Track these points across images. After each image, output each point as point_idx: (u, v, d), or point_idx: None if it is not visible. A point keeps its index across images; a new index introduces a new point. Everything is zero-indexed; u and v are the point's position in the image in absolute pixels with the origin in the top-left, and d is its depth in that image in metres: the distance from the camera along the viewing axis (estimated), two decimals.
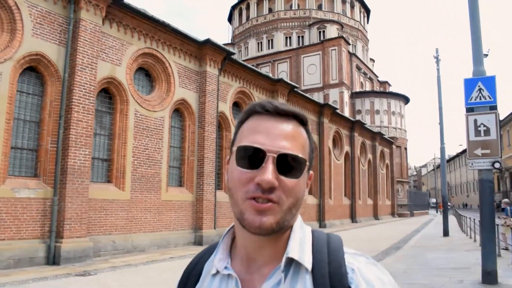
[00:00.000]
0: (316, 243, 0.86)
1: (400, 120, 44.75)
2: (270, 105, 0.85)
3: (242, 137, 0.85)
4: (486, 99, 8.08)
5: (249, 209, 0.80)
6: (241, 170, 0.81)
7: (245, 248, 0.87)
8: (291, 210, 0.82)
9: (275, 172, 0.79)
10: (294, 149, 0.82)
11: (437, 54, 22.31)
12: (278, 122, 0.84)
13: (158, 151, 14.38)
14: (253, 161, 0.80)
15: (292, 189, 0.81)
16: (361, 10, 49.28)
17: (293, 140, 0.83)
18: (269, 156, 0.79)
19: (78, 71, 11.49)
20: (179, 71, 15.49)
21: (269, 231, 0.80)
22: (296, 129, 0.85)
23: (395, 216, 41.85)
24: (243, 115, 0.90)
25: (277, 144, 0.81)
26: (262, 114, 0.86)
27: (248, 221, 0.80)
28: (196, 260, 1.00)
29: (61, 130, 11.18)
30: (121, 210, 12.82)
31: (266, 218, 0.79)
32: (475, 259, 10.29)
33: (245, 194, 0.80)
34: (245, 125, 0.87)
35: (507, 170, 52.09)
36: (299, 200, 0.83)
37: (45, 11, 11.25)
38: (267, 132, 0.82)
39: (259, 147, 0.80)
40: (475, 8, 8.32)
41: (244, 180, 0.81)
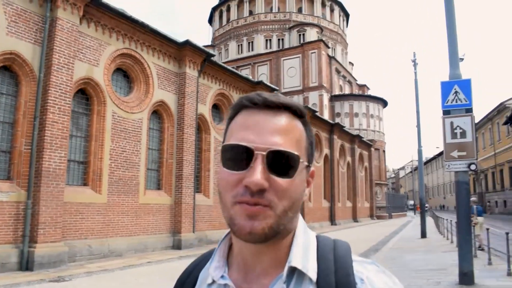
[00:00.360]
0: (321, 249, 0.79)
1: (379, 123, 45.25)
2: (259, 98, 0.77)
3: (231, 135, 0.78)
4: (462, 102, 8.20)
5: (239, 214, 0.72)
6: (228, 172, 0.74)
7: (242, 256, 0.79)
8: (287, 213, 0.73)
9: (265, 172, 0.71)
10: (286, 144, 0.73)
11: (415, 58, 22.64)
12: (268, 116, 0.76)
13: (136, 153, 14.19)
14: (241, 161, 0.73)
15: (286, 190, 0.72)
16: (341, 14, 49.75)
17: (285, 134, 0.74)
18: (258, 154, 0.72)
19: (54, 71, 11.24)
20: (158, 73, 15.33)
21: (262, 237, 0.72)
22: (289, 122, 0.77)
23: (374, 218, 42.25)
24: (231, 111, 0.82)
25: (266, 141, 0.73)
26: (250, 108, 0.77)
27: (238, 226, 0.72)
28: (191, 268, 0.91)
29: (35, 131, 10.91)
30: (97, 213, 12.59)
31: (258, 222, 0.71)
32: (452, 260, 10.41)
33: (234, 198, 0.73)
34: (234, 121, 0.80)
35: (482, 172, 53.15)
36: (296, 202, 0.75)
37: (20, 9, 10.98)
38: (256, 128, 0.74)
39: (246, 145, 0.72)
40: (452, 14, 8.44)
41: (232, 183, 0.73)
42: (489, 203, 53.16)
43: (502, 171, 46.35)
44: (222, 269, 0.81)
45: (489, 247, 10.58)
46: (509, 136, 43.46)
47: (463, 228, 7.85)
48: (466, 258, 7.64)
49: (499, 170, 47.30)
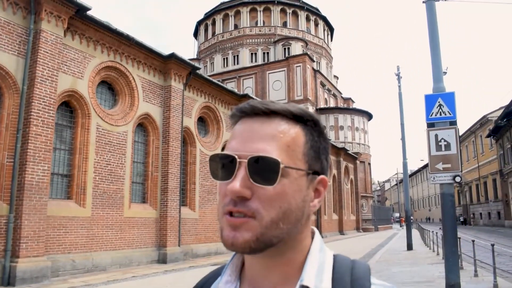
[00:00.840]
0: (337, 270, 0.73)
1: (364, 136, 45.60)
2: (247, 106, 0.75)
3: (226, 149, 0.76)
4: (446, 115, 8.28)
5: (225, 225, 0.70)
6: (219, 183, 0.72)
7: (251, 271, 0.76)
8: (277, 224, 0.68)
9: (246, 180, 0.68)
10: (272, 150, 0.69)
11: (399, 71, 22.90)
12: (256, 123, 0.73)
13: (121, 166, 14.04)
14: (227, 171, 0.70)
15: (271, 198, 0.68)
16: (325, 28, 50.32)
17: (272, 140, 0.70)
18: (240, 162, 0.69)
19: (37, 84, 11.12)
20: (143, 85, 15.27)
21: (246, 249, 0.68)
22: (279, 128, 0.72)
23: (360, 231, 42.31)
24: (232, 123, 0.80)
25: (250, 148, 0.70)
26: (242, 118, 0.76)
27: (223, 238, 0.69)
28: (201, 284, 0.86)
29: (18, 144, 10.74)
30: (81, 227, 12.38)
31: (240, 234, 0.67)
32: (439, 272, 10.44)
33: (222, 209, 0.70)
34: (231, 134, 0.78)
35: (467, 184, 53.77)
36: (288, 211, 0.69)
37: (3, 21, 10.88)
38: (241, 136, 0.72)
39: (228, 153, 0.70)
40: (434, 28, 8.57)
41: (222, 193, 0.71)
42: (473, 215, 53.72)
43: (486, 183, 46.97)
44: (234, 283, 0.77)
45: (475, 259, 10.63)
46: (492, 149, 44.14)
47: (449, 240, 7.87)
48: (453, 270, 7.65)
49: (483, 182, 47.93)
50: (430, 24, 8.61)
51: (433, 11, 8.54)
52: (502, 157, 40.20)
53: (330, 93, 48.01)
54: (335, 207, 36.79)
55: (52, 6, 11.59)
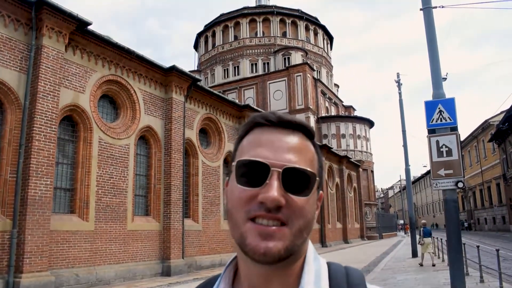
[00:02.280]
0: (333, 277, 0.75)
1: (366, 144, 45.56)
2: (273, 116, 0.76)
3: (243, 152, 0.75)
4: (446, 121, 8.28)
5: (251, 233, 0.69)
6: (242, 188, 0.71)
7: (249, 281, 0.75)
8: (302, 233, 0.71)
9: (281, 189, 0.69)
10: (301, 163, 0.72)
11: (399, 78, 22.96)
12: (283, 134, 0.74)
13: (124, 179, 14.05)
14: (255, 178, 0.70)
15: (302, 208, 0.70)
16: (325, 37, 50.55)
17: (300, 153, 0.73)
18: (274, 171, 0.69)
19: (39, 99, 11.19)
20: (144, 98, 15.34)
21: (276, 259, 0.68)
22: (303, 142, 0.75)
23: (365, 239, 42.11)
24: (243, 129, 0.80)
25: (282, 158, 0.71)
26: (264, 126, 0.76)
27: (251, 246, 0.68)
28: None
29: (21, 159, 10.79)
30: (84, 241, 12.37)
31: (273, 243, 0.68)
32: (444, 279, 10.38)
33: (246, 214, 0.70)
34: (246, 139, 0.77)
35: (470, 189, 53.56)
36: (310, 222, 0.72)
37: (5, 38, 10.99)
38: (271, 145, 0.72)
39: (262, 161, 0.70)
40: (433, 35, 8.61)
41: (246, 199, 0.70)
42: (471, 221, 53.46)
43: (489, 188, 46.79)
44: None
45: (480, 265, 10.57)
46: (494, 153, 44.02)
47: (453, 246, 7.84)
48: (458, 277, 7.61)
49: (486, 187, 47.74)
50: (428, 31, 8.65)
51: (431, 18, 8.58)
52: (505, 161, 40.09)
53: (331, 101, 48.09)
54: (339, 216, 36.65)
55: (53, 22, 11.71)
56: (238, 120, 20.68)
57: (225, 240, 18.46)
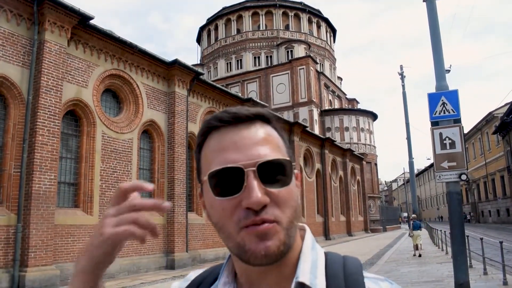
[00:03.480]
0: (330, 266, 0.73)
1: (369, 136, 45.48)
2: (227, 114, 0.72)
3: (209, 163, 0.71)
4: (450, 113, 8.25)
5: (248, 238, 0.67)
6: (221, 200, 0.68)
7: (247, 276, 0.74)
8: (293, 222, 0.69)
9: (261, 187, 0.66)
10: (272, 153, 0.69)
11: (402, 71, 22.90)
12: (242, 130, 0.71)
13: (127, 173, 14.10)
14: (232, 184, 0.67)
15: (287, 198, 0.68)
16: (327, 30, 50.32)
17: (266, 143, 0.70)
18: (248, 171, 0.66)
19: (42, 93, 11.21)
20: (147, 92, 15.34)
21: (278, 256, 0.67)
22: (265, 131, 0.72)
23: (368, 232, 42.13)
24: (199, 138, 0.76)
25: (251, 155, 0.68)
26: (220, 128, 0.72)
27: (251, 252, 0.66)
28: (197, 282, 0.84)
29: (25, 154, 10.83)
30: (89, 235, 12.36)
31: (271, 242, 0.66)
32: (448, 272, 10.39)
33: (238, 225, 0.67)
34: (205, 147, 0.74)
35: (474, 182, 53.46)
36: (297, 208, 0.71)
37: (8, 33, 10.99)
38: (235, 145, 0.69)
39: (234, 165, 0.67)
40: (436, 27, 8.56)
41: (230, 209, 0.67)
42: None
43: (494, 180, 46.67)
44: (232, 285, 0.77)
45: (484, 257, 10.57)
46: (498, 146, 43.87)
47: (457, 239, 7.84)
48: (462, 269, 7.62)
49: (490, 179, 47.63)
50: (431, 23, 8.61)
51: (434, 10, 8.54)
52: (510, 154, 39.95)
53: (334, 94, 47.97)
54: (342, 209, 36.66)
55: (55, 17, 11.70)
56: None
57: None
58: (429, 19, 8.63)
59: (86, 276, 0.69)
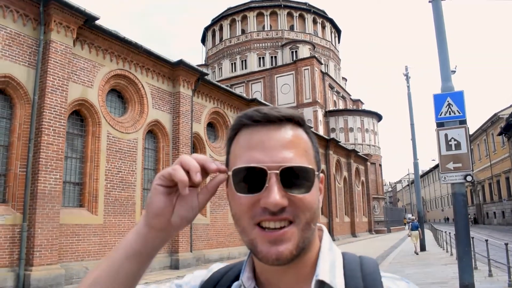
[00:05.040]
0: (347, 266, 0.75)
1: (374, 137, 45.39)
2: (258, 114, 0.73)
3: (236, 158, 0.74)
4: (455, 114, 8.23)
5: (260, 239, 0.69)
6: (242, 196, 0.70)
7: (265, 275, 0.76)
8: (309, 225, 0.71)
9: (281, 190, 0.68)
10: (297, 158, 0.70)
11: (407, 71, 22.81)
12: (272, 131, 0.72)
13: (132, 173, 14.14)
14: (254, 183, 0.69)
15: (306, 203, 0.70)
16: (332, 30, 50.28)
17: (293, 147, 0.71)
18: (271, 173, 0.68)
19: (48, 93, 11.26)
20: (152, 92, 15.38)
21: (289, 259, 0.69)
22: (294, 134, 0.73)
23: (373, 233, 42.05)
24: (230, 132, 0.78)
25: (277, 158, 0.69)
26: (251, 126, 0.74)
27: (263, 254, 0.69)
28: (218, 277, 0.84)
29: (30, 153, 10.88)
30: (94, 235, 12.48)
31: (284, 247, 0.68)
32: (453, 273, 10.35)
33: (252, 220, 0.69)
34: (235, 142, 0.76)
35: (479, 183, 53.23)
36: (316, 212, 0.72)
37: (14, 33, 11.05)
38: (262, 146, 0.70)
39: (257, 166, 0.69)
40: (441, 27, 8.54)
41: (248, 205, 0.70)
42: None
43: (499, 182, 46.44)
44: (254, 280, 0.78)
45: (489, 259, 10.52)
46: (504, 147, 43.66)
47: (462, 240, 7.81)
48: (467, 270, 7.59)
49: (495, 181, 47.40)
50: (437, 24, 8.58)
51: (440, 10, 8.51)
52: None
53: (339, 95, 47.90)
54: (346, 210, 36.61)
55: (61, 17, 11.75)
56: None
57: (233, 234, 18.52)
58: (434, 20, 8.61)
59: (141, 238, 0.78)
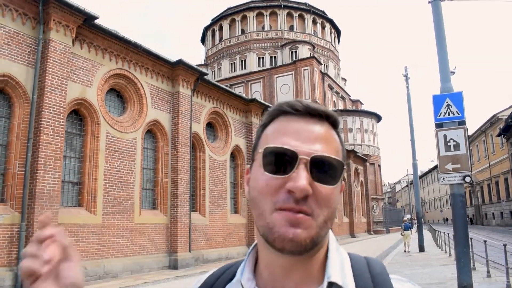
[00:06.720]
0: (355, 267, 0.75)
1: (373, 138, 45.41)
2: (300, 104, 0.74)
3: (267, 141, 0.73)
4: (454, 115, 8.23)
5: (279, 221, 0.68)
6: (270, 176, 0.69)
7: (271, 272, 0.74)
8: (326, 223, 0.70)
9: (309, 178, 0.68)
10: (328, 152, 0.71)
11: (406, 72, 22.82)
12: (309, 123, 0.73)
13: (131, 173, 14.12)
14: (283, 166, 0.69)
15: (328, 198, 0.69)
16: (332, 31, 50.28)
17: (327, 143, 0.72)
18: (302, 159, 0.68)
19: (47, 93, 11.25)
20: (151, 92, 15.37)
21: (302, 247, 0.67)
22: (328, 132, 0.74)
23: (371, 233, 42.06)
24: (267, 117, 0.78)
25: (309, 146, 0.69)
26: (290, 115, 0.74)
27: (279, 233, 0.67)
28: (212, 281, 0.84)
29: (29, 153, 10.87)
30: (92, 234, 12.46)
31: (301, 230, 0.67)
32: (451, 274, 10.35)
33: (274, 205, 0.68)
34: (270, 127, 0.76)
35: (478, 184, 53.27)
36: (334, 212, 0.71)
37: (13, 32, 11.04)
38: (297, 134, 0.71)
39: (290, 148, 0.69)
40: (441, 28, 8.54)
41: (273, 187, 0.69)
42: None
43: (497, 183, 46.48)
44: (254, 281, 0.76)
45: (487, 260, 10.53)
46: (503, 148, 43.70)
47: (460, 241, 7.82)
48: (465, 271, 7.59)
49: (494, 181, 47.44)
50: (437, 24, 8.59)
51: (439, 11, 8.52)
52: None
53: (338, 95, 47.92)
54: (345, 210, 36.64)
55: (60, 16, 11.74)
56: (245, 114, 20.68)
57: (231, 234, 18.52)
58: (434, 20, 8.61)
59: None
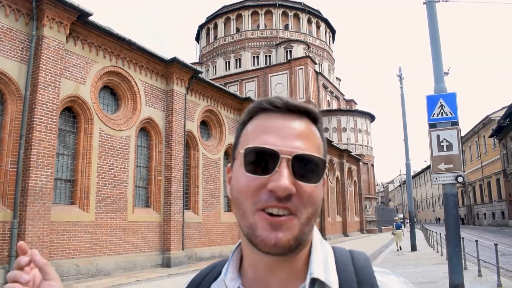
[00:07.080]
0: (339, 260, 0.75)
1: (367, 138, 45.54)
2: (279, 101, 0.73)
3: (248, 139, 0.73)
4: (447, 115, 8.27)
5: (261, 224, 0.67)
6: (251, 176, 0.69)
7: (255, 270, 0.74)
8: (310, 221, 0.70)
9: (291, 177, 0.67)
10: (310, 149, 0.70)
11: (400, 72, 22.91)
12: (289, 120, 0.72)
13: (124, 171, 14.07)
14: (264, 165, 0.68)
15: (312, 196, 0.69)
16: (327, 30, 50.36)
17: (307, 140, 0.71)
18: (283, 158, 0.68)
19: (40, 89, 11.17)
20: (145, 90, 15.32)
21: (286, 249, 0.67)
22: (309, 128, 0.74)
23: (364, 232, 42.21)
24: (246, 115, 0.77)
25: (290, 145, 0.69)
26: (269, 112, 0.74)
27: (261, 238, 0.67)
28: (200, 279, 0.85)
29: (21, 150, 10.79)
30: (85, 232, 12.41)
31: (283, 233, 0.67)
32: (443, 273, 10.42)
33: (255, 205, 0.68)
34: (250, 125, 0.75)
35: (470, 184, 53.60)
36: (318, 209, 0.71)
37: (6, 28, 10.95)
38: (278, 132, 0.71)
39: (271, 148, 0.68)
40: (435, 29, 8.58)
41: (254, 188, 0.68)
42: (477, 216, 53.47)
43: (489, 183, 46.81)
44: (238, 281, 0.76)
45: (478, 259, 10.61)
46: (495, 149, 44.00)
47: (452, 241, 7.86)
48: (457, 270, 7.64)
49: (486, 182, 47.77)
50: (431, 25, 8.62)
51: (434, 12, 8.55)
52: (506, 157, 40.07)
53: (332, 95, 48.01)
54: (338, 209, 36.73)
55: (54, 12, 11.67)
56: (239, 112, 20.67)
57: (225, 232, 18.52)
58: (428, 21, 8.65)
59: None
